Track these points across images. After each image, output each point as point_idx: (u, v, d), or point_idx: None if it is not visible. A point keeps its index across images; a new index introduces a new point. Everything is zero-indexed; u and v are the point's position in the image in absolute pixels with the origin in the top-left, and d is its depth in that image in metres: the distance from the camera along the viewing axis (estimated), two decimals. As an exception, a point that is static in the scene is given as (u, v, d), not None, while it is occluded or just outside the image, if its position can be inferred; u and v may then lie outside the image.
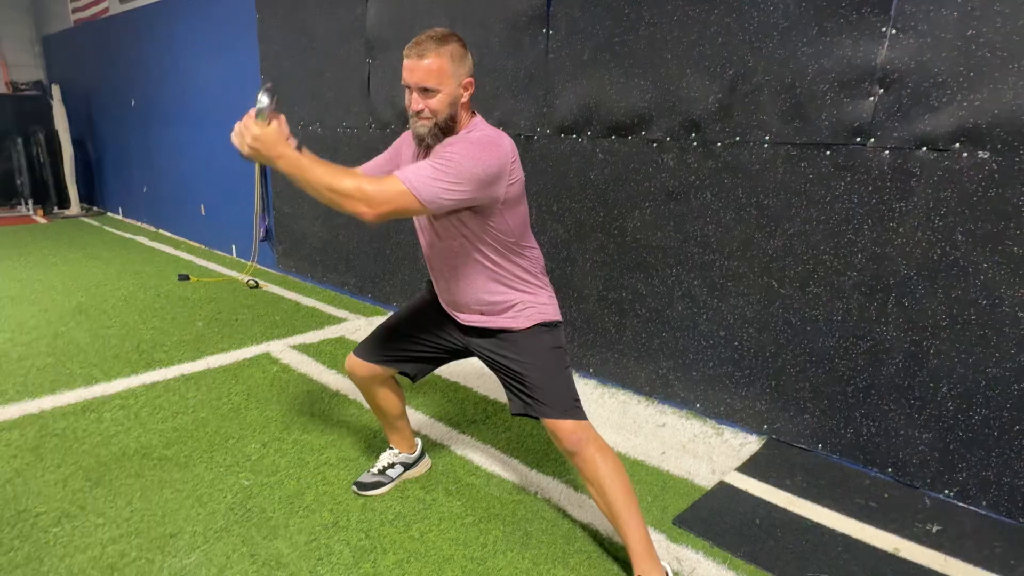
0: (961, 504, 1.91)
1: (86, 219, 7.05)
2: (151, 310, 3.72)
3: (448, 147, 1.43)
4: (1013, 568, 1.65)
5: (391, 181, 1.37)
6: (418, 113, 1.47)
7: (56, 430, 2.29)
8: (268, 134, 1.35)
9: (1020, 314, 1.75)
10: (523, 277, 1.62)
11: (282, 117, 1.40)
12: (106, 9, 6.20)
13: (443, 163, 1.39)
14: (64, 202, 7.31)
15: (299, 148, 1.41)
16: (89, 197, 7.73)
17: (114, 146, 6.88)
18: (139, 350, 3.08)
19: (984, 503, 1.88)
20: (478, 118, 1.55)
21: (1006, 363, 1.79)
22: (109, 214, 7.35)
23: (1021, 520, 1.82)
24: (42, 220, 6.91)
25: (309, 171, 1.36)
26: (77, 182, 7.21)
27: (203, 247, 5.55)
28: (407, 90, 1.48)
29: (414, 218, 1.65)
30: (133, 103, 6.14)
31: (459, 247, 1.57)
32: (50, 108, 6.88)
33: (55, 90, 6.84)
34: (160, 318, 3.58)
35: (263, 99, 1.35)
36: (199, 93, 5.11)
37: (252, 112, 1.35)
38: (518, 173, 1.52)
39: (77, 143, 7.18)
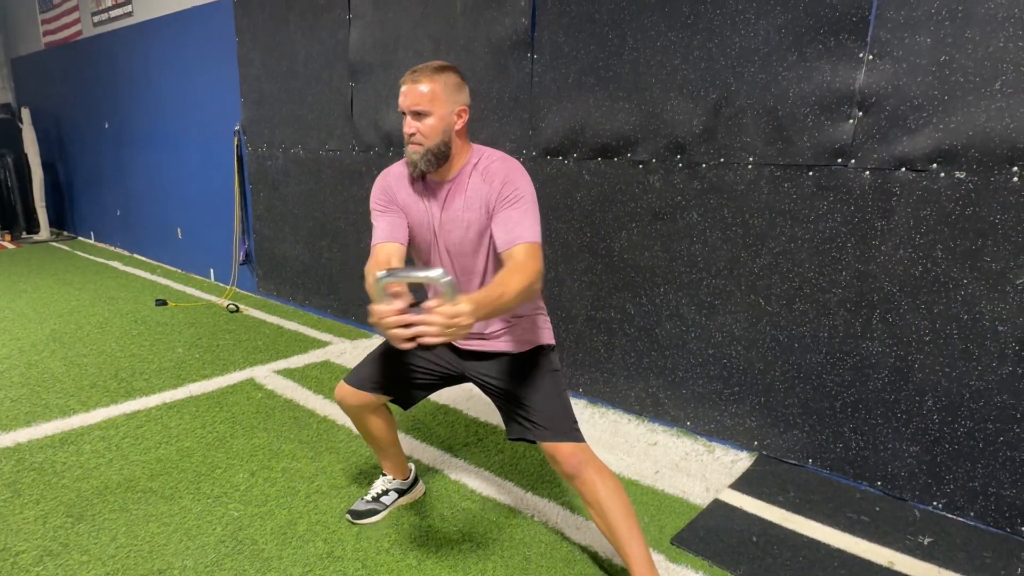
0: (950, 515, 1.95)
1: (56, 244, 6.88)
2: (128, 337, 3.64)
3: (506, 187, 1.51)
4: (1004, 578, 1.68)
5: (521, 250, 1.44)
6: (411, 136, 1.51)
7: (34, 464, 2.22)
8: (469, 302, 1.20)
9: (1000, 328, 1.80)
10: (535, 301, 1.65)
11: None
12: (79, 32, 6.13)
13: (522, 204, 1.49)
14: (33, 227, 7.13)
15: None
16: (59, 221, 7.56)
17: (86, 169, 6.76)
18: (118, 378, 3.00)
19: (972, 514, 1.91)
20: (479, 147, 1.59)
21: (988, 376, 1.84)
22: (80, 239, 7.19)
23: (1008, 529, 1.86)
24: (10, 245, 6.74)
25: (501, 298, 1.32)
26: (47, 206, 7.04)
27: (180, 271, 5.46)
28: (404, 116, 1.51)
29: (422, 253, 1.66)
30: (107, 126, 6.05)
31: (483, 266, 1.59)
32: (19, 131, 6.74)
33: (25, 113, 6.71)
34: (138, 345, 3.50)
35: (440, 274, 1.19)
36: (176, 116, 5.05)
37: (428, 305, 1.17)
38: None
39: (47, 166, 7.04)
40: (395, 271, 1.27)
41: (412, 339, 1.19)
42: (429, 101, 1.48)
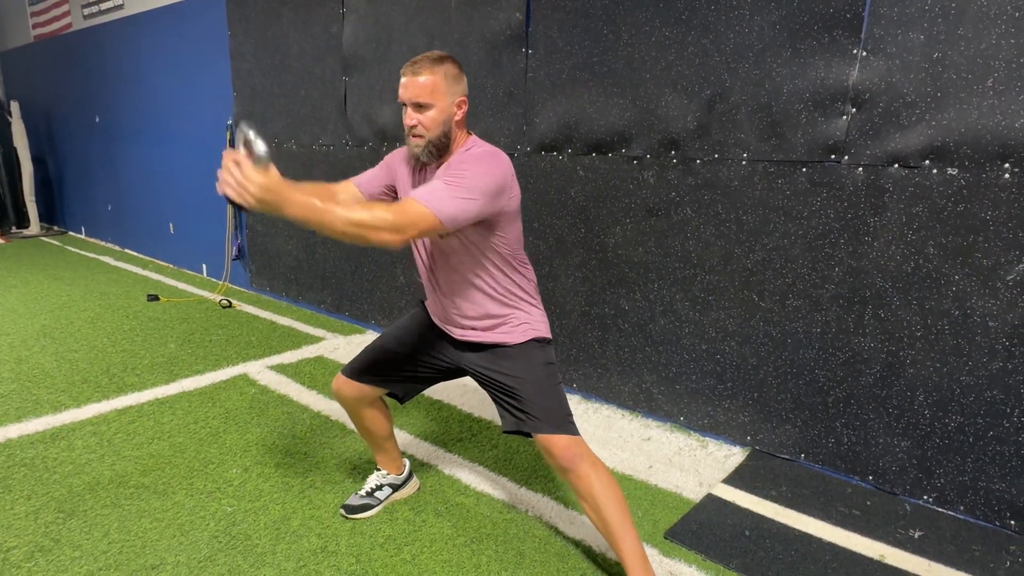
0: (940, 509, 1.96)
1: (46, 239, 6.83)
2: (120, 332, 3.62)
3: (456, 165, 1.47)
4: (992, 571, 1.70)
5: (410, 204, 1.36)
6: (412, 128, 1.51)
7: (24, 460, 2.20)
8: (274, 179, 1.23)
9: (990, 324, 1.82)
10: (519, 294, 1.65)
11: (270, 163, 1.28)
12: (69, 24, 6.06)
13: (455, 180, 1.42)
14: (23, 221, 7.08)
15: None
16: (49, 216, 7.49)
17: (76, 164, 6.70)
18: (109, 374, 2.98)
19: (962, 508, 1.93)
20: (474, 137, 1.59)
21: (978, 371, 1.86)
22: (71, 233, 7.14)
23: (997, 523, 1.88)
24: (0, 240, 6.68)
25: (326, 211, 1.28)
26: (37, 201, 6.99)
27: (172, 266, 5.43)
28: (404, 107, 1.51)
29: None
30: (97, 120, 6.00)
31: (464, 261, 1.59)
32: (8, 125, 6.67)
33: (14, 107, 6.64)
34: (130, 340, 3.48)
35: (260, 144, 1.23)
36: (167, 110, 5.02)
37: (239, 157, 1.22)
38: (516, 187, 1.57)
39: (37, 161, 6.98)
40: (249, 128, 1.25)
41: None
42: (430, 93, 1.48)
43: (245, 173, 1.21)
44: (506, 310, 1.63)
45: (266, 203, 1.22)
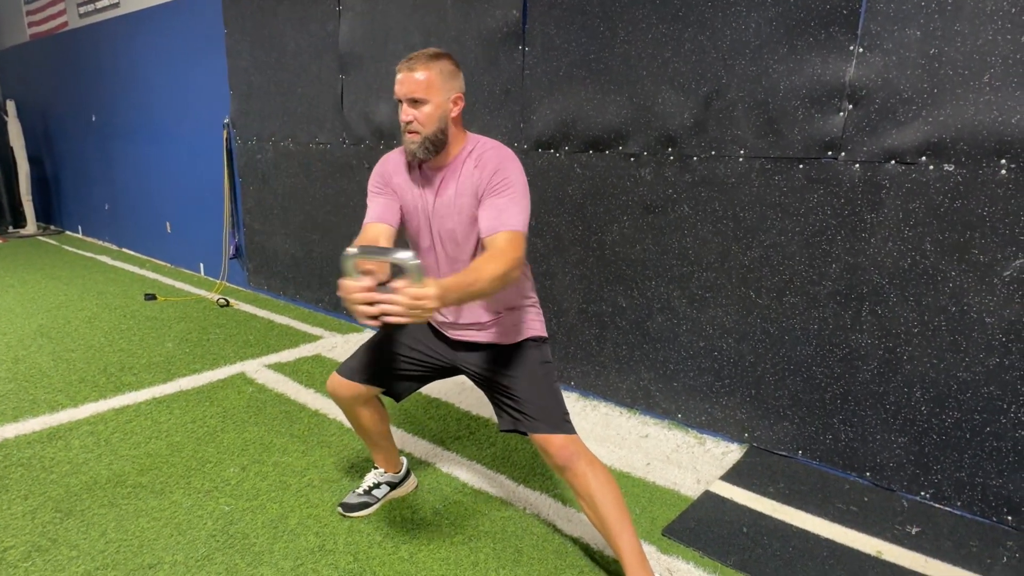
0: (937, 505, 1.97)
1: (43, 238, 6.81)
2: (117, 331, 3.61)
3: (496, 175, 1.50)
4: (989, 567, 1.70)
5: (504, 235, 1.43)
6: (408, 124, 1.51)
7: (21, 459, 2.20)
8: (436, 284, 1.22)
9: (987, 320, 1.82)
10: (517, 295, 1.65)
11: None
12: (65, 23, 6.05)
13: (508, 191, 1.47)
14: (19, 221, 7.06)
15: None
16: (46, 216, 7.48)
17: (73, 163, 6.68)
18: (106, 373, 2.98)
19: (959, 503, 1.93)
20: (471, 134, 1.59)
21: (975, 367, 1.86)
22: (68, 233, 7.12)
23: (994, 519, 1.88)
24: (-4, 240, 6.67)
25: (474, 284, 1.34)
26: (34, 200, 6.97)
27: (169, 266, 5.42)
28: (399, 104, 1.51)
29: (417, 238, 1.66)
30: (93, 119, 5.99)
31: (472, 253, 1.58)
32: (4, 125, 6.65)
33: (10, 106, 6.62)
34: (127, 340, 3.47)
35: (407, 256, 1.19)
36: (164, 108, 5.00)
37: (375, 285, 1.18)
38: None
39: (33, 160, 6.96)
40: (365, 249, 1.25)
41: (377, 317, 1.20)
42: (425, 89, 1.48)
43: (414, 295, 1.18)
44: (505, 311, 1.63)
45: (440, 308, 1.27)
